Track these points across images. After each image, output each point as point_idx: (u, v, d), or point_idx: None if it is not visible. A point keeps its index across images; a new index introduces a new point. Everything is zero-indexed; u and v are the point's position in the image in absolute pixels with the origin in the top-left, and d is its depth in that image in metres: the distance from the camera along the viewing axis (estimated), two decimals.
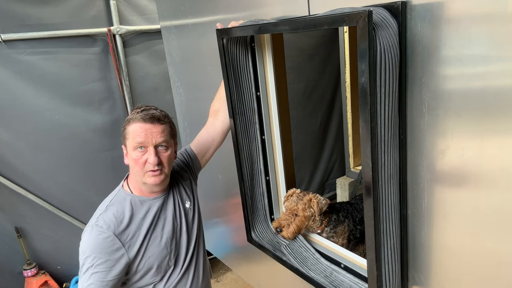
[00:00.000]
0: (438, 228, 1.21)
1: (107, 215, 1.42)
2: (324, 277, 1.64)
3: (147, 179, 1.44)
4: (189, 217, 1.62)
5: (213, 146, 1.82)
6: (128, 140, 1.42)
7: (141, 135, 1.39)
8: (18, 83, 2.78)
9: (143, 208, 1.48)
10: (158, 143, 1.42)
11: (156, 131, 1.41)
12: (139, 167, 1.42)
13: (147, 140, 1.40)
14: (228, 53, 1.69)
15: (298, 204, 1.82)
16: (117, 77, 3.15)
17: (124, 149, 1.47)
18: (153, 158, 1.40)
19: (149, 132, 1.40)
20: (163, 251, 1.50)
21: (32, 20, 2.77)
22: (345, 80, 3.31)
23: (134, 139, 1.40)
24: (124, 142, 1.46)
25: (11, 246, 2.93)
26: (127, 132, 1.42)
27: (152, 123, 1.41)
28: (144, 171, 1.42)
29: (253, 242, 1.99)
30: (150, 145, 1.40)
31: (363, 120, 1.10)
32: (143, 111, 1.42)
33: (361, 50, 1.03)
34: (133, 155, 1.41)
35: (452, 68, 1.04)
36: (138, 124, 1.41)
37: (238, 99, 1.77)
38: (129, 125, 1.42)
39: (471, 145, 1.06)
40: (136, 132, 1.40)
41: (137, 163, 1.41)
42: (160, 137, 1.42)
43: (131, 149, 1.41)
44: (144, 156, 1.41)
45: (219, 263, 3.51)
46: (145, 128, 1.40)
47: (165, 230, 1.52)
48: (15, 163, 2.84)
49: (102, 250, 1.38)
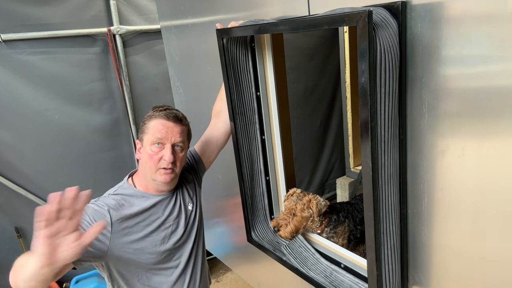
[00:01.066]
0: (438, 228, 1.21)
1: (107, 200, 1.43)
2: (324, 277, 1.64)
3: (158, 177, 1.45)
4: (190, 219, 1.61)
5: (217, 147, 1.83)
6: (147, 134, 1.44)
7: (162, 131, 1.42)
8: (18, 83, 2.78)
9: (145, 203, 1.48)
10: (176, 142, 1.44)
11: (176, 130, 1.44)
12: (153, 162, 1.42)
13: (166, 137, 1.42)
14: (228, 53, 1.69)
15: (297, 204, 1.82)
16: (117, 77, 3.15)
17: (139, 144, 1.49)
18: (169, 155, 1.41)
19: (170, 130, 1.43)
20: (155, 247, 1.48)
21: (32, 20, 2.77)
22: (345, 80, 3.31)
23: (153, 134, 1.42)
24: (141, 136, 1.47)
25: (11, 246, 2.93)
26: (148, 127, 1.44)
27: (175, 122, 1.45)
28: (157, 167, 1.43)
29: (253, 242, 1.99)
30: (168, 143, 1.42)
31: (363, 120, 1.10)
32: (166, 110, 1.46)
33: (361, 50, 1.03)
34: (149, 150, 1.42)
35: (452, 68, 1.04)
36: (160, 120, 1.43)
37: (238, 99, 1.77)
38: (151, 120, 1.44)
39: (471, 145, 1.05)
40: (157, 128, 1.42)
41: (151, 158, 1.42)
42: (179, 137, 1.45)
43: (148, 143, 1.43)
44: (160, 153, 1.42)
45: (219, 263, 3.51)
46: (166, 126, 1.43)
47: (162, 228, 1.51)
48: (15, 163, 2.84)
49: (91, 216, 1.35)
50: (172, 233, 1.54)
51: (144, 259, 1.47)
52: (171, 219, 1.54)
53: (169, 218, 1.54)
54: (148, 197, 1.50)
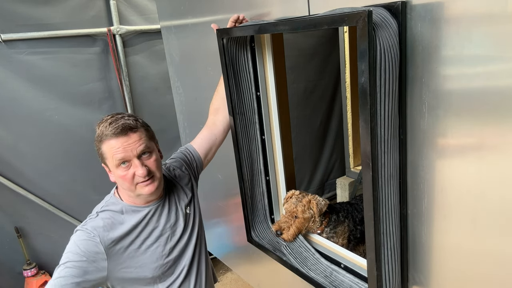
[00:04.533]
0: (438, 228, 1.21)
1: (96, 222, 1.36)
2: (324, 277, 1.64)
3: (141, 190, 1.36)
4: (189, 222, 1.55)
5: (216, 144, 1.78)
6: (107, 159, 1.32)
7: (118, 151, 1.29)
8: (18, 83, 2.77)
9: (136, 217, 1.41)
10: (140, 152, 1.32)
11: (132, 141, 1.30)
12: (128, 182, 1.33)
13: (127, 155, 1.30)
14: (228, 53, 1.69)
15: (298, 206, 1.82)
16: (117, 77, 3.15)
17: (106, 168, 1.38)
18: (141, 170, 1.31)
19: (126, 145, 1.29)
20: (157, 260, 1.44)
21: (32, 20, 2.77)
22: (345, 80, 3.31)
23: (113, 158, 1.30)
24: (103, 161, 1.36)
25: (11, 246, 2.93)
26: (103, 152, 1.32)
27: (126, 134, 1.29)
28: (135, 184, 1.34)
29: (253, 242, 1.99)
30: (132, 158, 1.31)
31: (363, 120, 1.10)
32: (111, 124, 1.29)
33: (361, 50, 1.03)
34: (118, 172, 1.32)
35: (452, 68, 1.04)
36: (111, 141, 1.29)
37: (238, 99, 1.77)
38: (102, 144, 1.31)
39: (471, 145, 1.05)
40: (113, 149, 1.29)
41: (125, 179, 1.33)
42: (140, 146, 1.32)
43: (114, 167, 1.32)
44: (130, 171, 1.31)
45: (219, 263, 3.51)
46: (120, 142, 1.29)
47: (161, 239, 1.45)
48: (15, 163, 2.84)
49: (83, 249, 1.31)
50: (172, 241, 1.48)
51: (148, 274, 1.43)
52: (169, 227, 1.48)
53: (166, 226, 1.47)
54: (139, 210, 1.43)
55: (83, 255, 1.30)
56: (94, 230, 1.34)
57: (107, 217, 1.39)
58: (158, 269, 1.45)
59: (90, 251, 1.32)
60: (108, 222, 1.37)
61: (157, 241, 1.45)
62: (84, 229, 1.35)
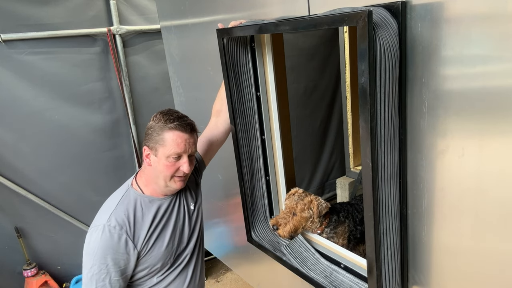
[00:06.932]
0: (438, 228, 1.21)
1: (118, 215, 1.42)
2: (324, 277, 1.64)
3: (173, 185, 1.46)
4: (192, 217, 1.63)
5: (217, 146, 1.85)
6: (164, 147, 1.39)
7: (181, 145, 1.39)
8: (18, 83, 2.78)
9: (153, 208, 1.49)
10: (193, 152, 1.45)
11: (192, 141, 1.44)
12: (170, 172, 1.42)
13: (185, 150, 1.41)
14: (228, 53, 1.69)
15: (298, 203, 1.82)
16: (117, 77, 3.15)
17: (149, 151, 1.43)
18: (188, 167, 1.42)
19: (187, 142, 1.41)
20: (167, 250, 1.52)
21: (32, 20, 2.77)
22: (345, 80, 3.31)
23: (173, 148, 1.38)
24: (152, 145, 1.41)
25: (11, 246, 2.93)
26: (163, 139, 1.38)
27: (191, 133, 1.43)
28: (173, 176, 1.44)
29: (253, 242, 1.99)
30: (185, 154, 1.42)
31: (363, 120, 1.10)
32: (180, 119, 1.41)
33: (361, 50, 1.03)
34: (165, 161, 1.40)
35: (452, 68, 1.04)
36: (177, 133, 1.39)
37: (238, 99, 1.77)
38: (166, 132, 1.38)
39: (471, 145, 1.05)
40: (176, 141, 1.38)
41: (168, 169, 1.41)
42: (195, 147, 1.46)
43: (164, 156, 1.39)
44: (177, 163, 1.41)
45: (219, 263, 3.51)
46: (184, 138, 1.40)
47: (170, 230, 1.53)
48: (15, 163, 2.84)
49: (115, 250, 1.38)
50: (178, 232, 1.57)
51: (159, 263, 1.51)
52: (176, 220, 1.56)
53: (178, 218, 1.57)
54: (154, 200, 1.51)
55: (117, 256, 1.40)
56: (119, 225, 1.41)
57: (127, 208, 1.45)
58: (168, 259, 1.53)
59: (122, 249, 1.40)
60: (130, 214, 1.44)
61: (174, 230, 1.54)
62: (108, 226, 1.40)
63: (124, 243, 1.39)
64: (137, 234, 1.43)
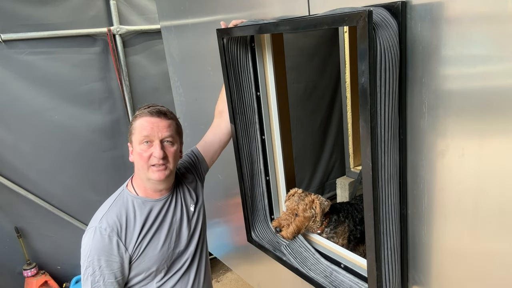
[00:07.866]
0: (438, 228, 1.21)
1: (110, 217, 1.41)
2: (324, 277, 1.64)
3: (151, 175, 1.42)
4: (192, 219, 1.59)
5: (220, 146, 1.83)
6: (134, 135, 1.41)
7: (147, 128, 1.39)
8: (18, 83, 2.78)
9: (146, 209, 1.47)
10: (164, 137, 1.41)
11: (162, 125, 1.41)
12: (144, 161, 1.40)
13: (153, 134, 1.39)
14: (228, 53, 1.69)
15: (299, 204, 1.81)
16: (117, 77, 3.15)
17: (130, 146, 1.46)
18: (159, 151, 1.38)
19: (155, 125, 1.40)
20: (161, 253, 1.48)
21: (32, 20, 2.77)
22: (345, 80, 3.31)
23: (140, 133, 1.39)
24: (130, 138, 1.45)
25: (11, 246, 2.93)
26: (134, 127, 1.42)
27: (159, 117, 1.41)
28: (148, 165, 1.41)
29: (253, 242, 1.99)
30: (156, 139, 1.40)
31: (363, 120, 1.10)
32: (150, 107, 1.44)
33: (361, 50, 1.03)
34: (138, 149, 1.40)
35: (452, 68, 1.04)
36: (144, 118, 1.41)
37: (238, 99, 1.77)
38: (136, 120, 1.42)
39: (471, 145, 1.05)
40: (143, 126, 1.40)
41: (141, 157, 1.40)
42: (166, 132, 1.42)
43: (137, 143, 1.41)
44: (149, 150, 1.40)
45: (219, 263, 3.51)
46: (151, 122, 1.40)
47: (165, 233, 1.50)
48: (15, 163, 2.84)
49: (107, 252, 1.37)
50: (175, 235, 1.53)
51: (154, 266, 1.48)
52: (173, 221, 1.53)
53: (174, 220, 1.53)
54: (147, 201, 1.48)
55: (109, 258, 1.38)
56: (110, 227, 1.39)
57: (119, 210, 1.43)
58: (164, 262, 1.49)
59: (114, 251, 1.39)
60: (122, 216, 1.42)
61: (168, 232, 1.50)
62: (100, 228, 1.39)
63: (116, 246, 1.37)
64: (128, 236, 1.40)
